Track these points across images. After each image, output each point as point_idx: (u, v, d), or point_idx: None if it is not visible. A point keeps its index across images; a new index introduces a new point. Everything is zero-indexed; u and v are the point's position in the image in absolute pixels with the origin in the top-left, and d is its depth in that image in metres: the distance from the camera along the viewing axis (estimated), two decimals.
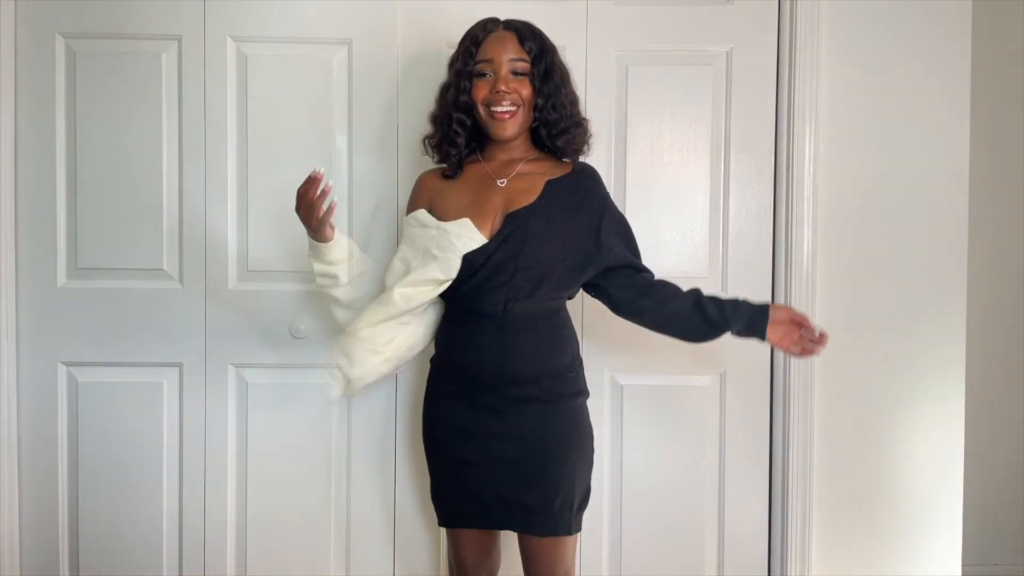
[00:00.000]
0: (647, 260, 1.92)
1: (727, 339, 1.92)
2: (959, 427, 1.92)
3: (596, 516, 1.96)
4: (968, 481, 1.96)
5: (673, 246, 1.95)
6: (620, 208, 1.93)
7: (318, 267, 1.57)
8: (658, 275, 1.64)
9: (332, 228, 1.51)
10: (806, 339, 1.59)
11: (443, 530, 1.77)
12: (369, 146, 1.91)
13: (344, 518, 1.97)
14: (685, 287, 1.59)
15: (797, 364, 1.90)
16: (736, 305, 1.59)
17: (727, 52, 1.93)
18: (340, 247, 1.56)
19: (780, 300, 1.92)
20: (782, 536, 1.94)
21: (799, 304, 1.89)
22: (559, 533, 1.54)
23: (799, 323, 1.58)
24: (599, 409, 1.95)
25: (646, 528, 1.97)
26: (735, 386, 1.95)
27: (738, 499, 1.97)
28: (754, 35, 1.93)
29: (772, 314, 1.59)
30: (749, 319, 1.58)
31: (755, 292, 1.94)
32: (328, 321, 1.92)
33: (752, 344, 1.92)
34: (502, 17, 1.59)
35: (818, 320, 1.90)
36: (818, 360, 1.90)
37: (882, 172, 1.91)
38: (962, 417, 1.92)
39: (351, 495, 1.96)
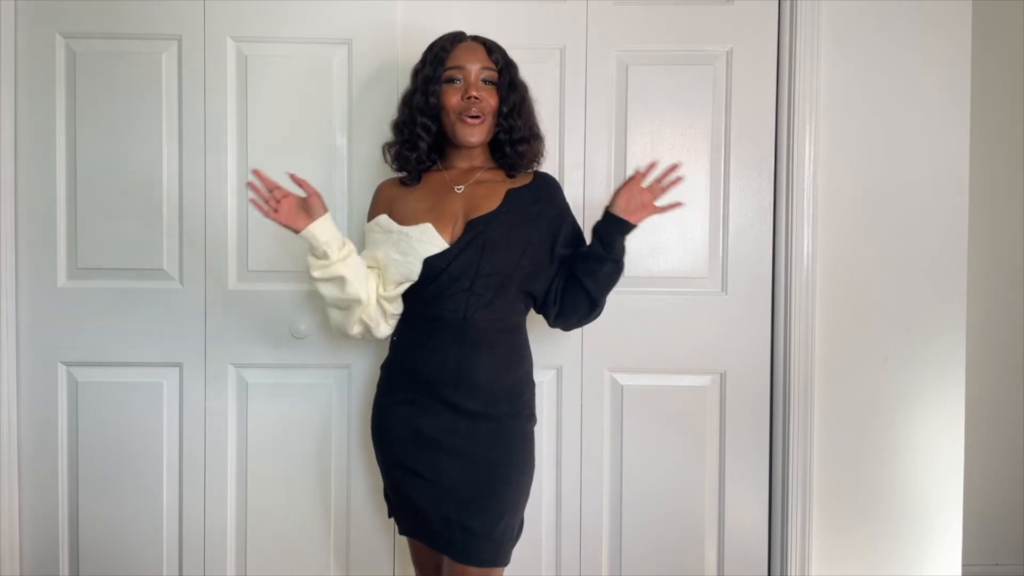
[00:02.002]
0: (647, 260, 1.94)
1: (727, 339, 1.94)
2: (959, 427, 1.92)
3: (596, 516, 1.96)
4: (968, 481, 1.97)
5: (673, 246, 1.94)
6: None
7: (317, 263, 1.50)
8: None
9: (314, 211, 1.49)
10: (653, 186, 1.57)
11: None
12: (369, 146, 1.91)
13: (344, 518, 1.97)
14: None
15: (797, 364, 1.90)
16: (595, 241, 1.58)
17: (727, 52, 1.93)
18: (328, 225, 1.50)
19: (780, 300, 1.92)
20: (782, 536, 1.94)
21: (799, 304, 1.89)
22: (497, 564, 1.52)
23: (634, 185, 1.56)
24: (599, 409, 1.95)
25: (646, 528, 1.97)
26: (735, 386, 1.95)
27: (738, 499, 1.97)
28: (754, 35, 1.93)
29: (614, 207, 1.56)
30: (604, 233, 1.57)
31: (755, 292, 1.94)
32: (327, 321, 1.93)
33: (752, 344, 1.94)
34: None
35: (818, 320, 1.91)
36: (818, 360, 1.91)
37: (882, 172, 1.91)
38: (962, 417, 1.92)
39: (351, 495, 1.97)
